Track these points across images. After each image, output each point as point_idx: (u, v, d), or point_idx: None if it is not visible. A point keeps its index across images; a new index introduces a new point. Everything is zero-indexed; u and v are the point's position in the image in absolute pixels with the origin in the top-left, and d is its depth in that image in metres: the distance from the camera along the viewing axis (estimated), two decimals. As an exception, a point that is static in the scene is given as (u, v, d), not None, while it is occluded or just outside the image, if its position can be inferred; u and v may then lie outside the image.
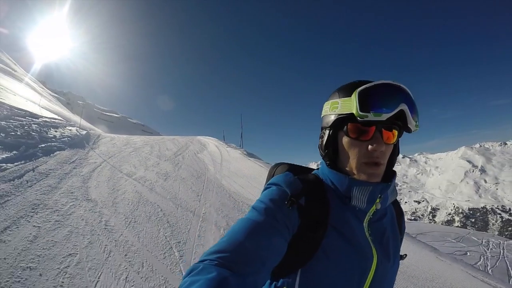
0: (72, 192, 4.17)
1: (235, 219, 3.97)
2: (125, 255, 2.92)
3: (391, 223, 0.91)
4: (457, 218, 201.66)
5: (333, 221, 0.79)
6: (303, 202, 0.79)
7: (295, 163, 1.03)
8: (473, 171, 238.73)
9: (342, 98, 0.80)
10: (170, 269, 2.84)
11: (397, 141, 0.85)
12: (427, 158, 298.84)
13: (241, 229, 0.69)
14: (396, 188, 0.88)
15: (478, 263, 13.75)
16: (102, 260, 2.75)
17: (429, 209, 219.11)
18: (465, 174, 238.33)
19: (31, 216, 3.24)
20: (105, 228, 3.37)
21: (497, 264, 14.24)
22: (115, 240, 3.15)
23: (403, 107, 0.74)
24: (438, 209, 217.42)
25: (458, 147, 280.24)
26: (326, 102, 0.87)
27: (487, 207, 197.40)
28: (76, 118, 20.29)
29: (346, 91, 0.80)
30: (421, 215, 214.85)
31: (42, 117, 9.74)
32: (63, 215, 3.45)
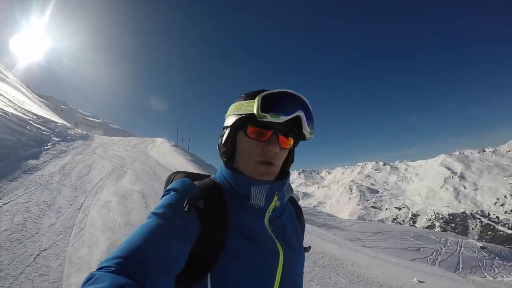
0: (89, 152, 11.28)
1: (146, 159, 11.26)
2: (109, 161, 9.94)
3: (291, 219, 1.01)
4: (437, 224, 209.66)
5: (233, 222, 0.84)
6: (202, 205, 0.82)
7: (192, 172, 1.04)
8: (452, 178, 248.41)
9: (246, 101, 0.88)
10: (116, 165, 10.02)
11: (293, 149, 0.98)
12: (407, 165, 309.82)
13: (139, 235, 0.69)
14: (292, 186, 0.98)
15: (429, 257, 16.64)
16: (103, 161, 9.70)
17: (409, 215, 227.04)
18: (444, 180, 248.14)
19: (79, 155, 10.36)
20: (103, 157, 10.26)
21: (449, 258, 16.78)
22: (106, 159, 10.19)
23: (300, 113, 0.85)
24: (419, 215, 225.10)
25: (438, 154, 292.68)
26: (232, 104, 0.95)
27: (466, 212, 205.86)
28: (64, 122, 27.28)
29: (251, 95, 0.89)
30: (402, 221, 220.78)
31: (58, 122, 16.86)
32: (90, 155, 10.53)
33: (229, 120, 0.93)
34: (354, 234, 22.60)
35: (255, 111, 0.83)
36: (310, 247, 1.08)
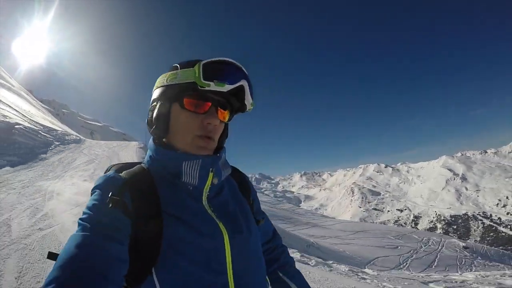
0: (78, 151, 17.32)
1: (113, 156, 17.41)
2: (88, 156, 16.22)
3: (233, 194, 0.96)
4: (439, 226, 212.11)
5: (167, 208, 0.78)
6: (128, 198, 0.77)
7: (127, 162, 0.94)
8: (454, 179, 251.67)
9: (183, 69, 0.81)
10: (91, 158, 16.29)
11: (228, 123, 0.94)
12: (409, 167, 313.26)
13: (71, 248, 0.65)
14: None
15: (403, 254, 17.04)
16: (85, 156, 15.76)
17: (411, 217, 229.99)
18: (446, 182, 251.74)
19: (71, 153, 16.52)
20: (86, 155, 16.31)
21: (424, 257, 17.06)
22: (87, 156, 16.38)
23: (244, 83, 0.81)
24: (421, 217, 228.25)
25: (440, 156, 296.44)
26: (162, 75, 0.87)
27: (468, 213, 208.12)
28: (64, 127, 33.67)
29: (188, 64, 0.82)
30: (404, 223, 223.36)
31: (59, 130, 23.22)
32: (78, 153, 16.64)
33: (160, 91, 0.85)
34: (335, 232, 25.18)
35: (196, 80, 0.77)
36: (263, 218, 1.06)
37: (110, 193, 0.75)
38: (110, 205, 0.73)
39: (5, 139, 12.55)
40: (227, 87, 0.78)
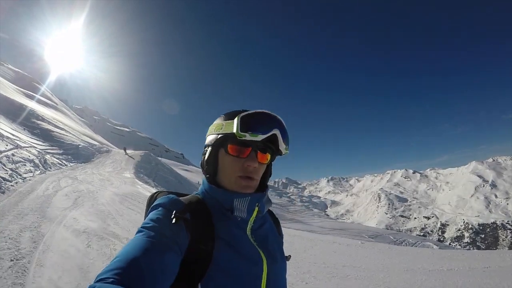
0: (108, 157, 33.52)
1: (127, 160, 33.99)
2: (111, 159, 32.69)
3: (271, 229, 1.14)
4: (466, 234, 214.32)
5: (220, 234, 0.93)
6: (189, 217, 0.91)
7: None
8: (483, 186, 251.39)
9: (227, 121, 1.00)
10: (113, 160, 33.04)
11: (271, 163, 1.11)
12: (437, 173, 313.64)
13: (133, 248, 0.76)
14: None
15: None
16: (110, 160, 32.20)
17: (438, 225, 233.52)
18: (475, 189, 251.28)
19: (104, 158, 33.03)
20: (110, 159, 32.73)
21: None
22: (111, 159, 32.93)
23: (276, 132, 0.97)
24: (448, 225, 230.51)
25: (470, 162, 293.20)
26: (213, 124, 1.08)
27: (497, 222, 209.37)
28: (98, 137, 50.70)
29: (230, 115, 1.01)
30: (430, 231, 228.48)
31: (97, 144, 40.41)
32: (108, 158, 32.95)
33: (210, 139, 1.05)
34: (314, 228, 29.69)
35: (234, 131, 0.95)
36: (290, 256, 1.19)
37: (174, 211, 0.90)
38: (174, 221, 0.87)
39: (76, 152, 28.78)
40: (260, 137, 0.96)
